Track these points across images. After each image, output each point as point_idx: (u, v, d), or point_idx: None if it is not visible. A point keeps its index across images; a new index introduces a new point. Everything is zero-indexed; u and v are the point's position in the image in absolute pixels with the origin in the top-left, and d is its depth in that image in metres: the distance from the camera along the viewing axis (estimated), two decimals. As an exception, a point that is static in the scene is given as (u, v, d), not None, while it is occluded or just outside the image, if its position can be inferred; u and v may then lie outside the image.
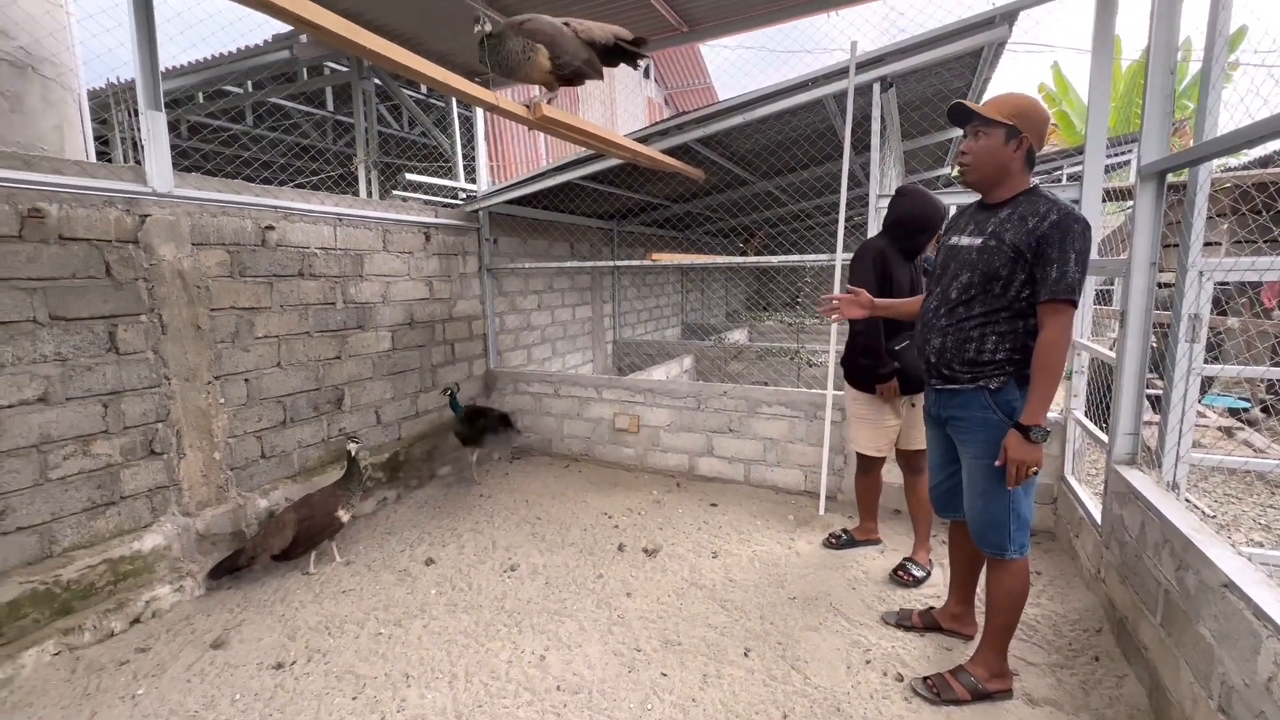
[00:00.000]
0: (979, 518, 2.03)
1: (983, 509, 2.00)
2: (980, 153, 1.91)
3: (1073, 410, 3.13)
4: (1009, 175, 1.91)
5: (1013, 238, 1.85)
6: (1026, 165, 1.92)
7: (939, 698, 2.06)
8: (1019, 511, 1.97)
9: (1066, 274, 1.77)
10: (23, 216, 2.40)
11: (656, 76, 15.38)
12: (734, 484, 4.15)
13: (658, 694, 2.14)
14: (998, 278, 1.88)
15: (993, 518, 1.98)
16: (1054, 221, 1.79)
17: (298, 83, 5.82)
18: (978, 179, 1.96)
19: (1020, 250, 1.83)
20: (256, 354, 3.28)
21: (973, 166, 1.94)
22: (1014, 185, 1.93)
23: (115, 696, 2.18)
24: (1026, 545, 2.01)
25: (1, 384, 2.36)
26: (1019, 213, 1.87)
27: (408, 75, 2.38)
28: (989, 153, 1.89)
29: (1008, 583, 2.03)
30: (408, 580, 2.96)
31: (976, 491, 2.01)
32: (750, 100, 3.71)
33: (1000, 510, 1.96)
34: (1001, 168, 1.90)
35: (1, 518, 2.38)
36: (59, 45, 3.19)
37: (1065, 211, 1.80)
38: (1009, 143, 1.87)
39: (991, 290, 1.91)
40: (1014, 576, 2.02)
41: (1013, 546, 1.98)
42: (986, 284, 1.91)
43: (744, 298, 12.83)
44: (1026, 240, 1.82)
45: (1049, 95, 12.55)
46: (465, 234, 4.81)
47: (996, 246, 1.88)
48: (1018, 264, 1.85)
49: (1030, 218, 1.84)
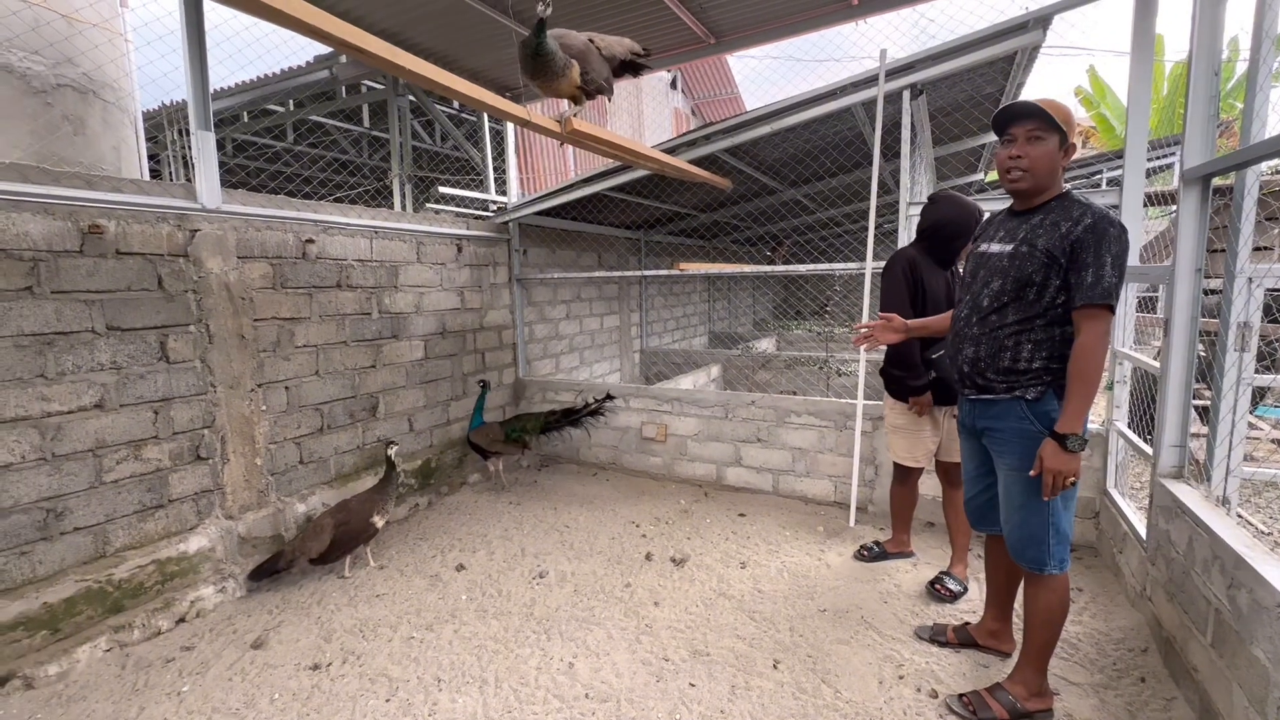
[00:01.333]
0: (1016, 532, 1.98)
1: (1021, 523, 1.95)
2: (1039, 158, 1.84)
3: (1115, 422, 3.04)
4: (1055, 180, 1.88)
5: (1046, 243, 1.82)
6: (1062, 171, 1.91)
7: (975, 717, 2.00)
8: (1058, 526, 1.91)
9: (1102, 279, 1.74)
10: (84, 232, 2.54)
11: (684, 87, 15.47)
12: (762, 494, 4.11)
13: (686, 704, 2.14)
14: (1031, 284, 1.85)
15: (1031, 532, 1.93)
16: (1088, 225, 1.76)
17: (337, 101, 6.04)
18: (1031, 185, 1.88)
19: (1054, 256, 1.80)
20: (296, 363, 3.39)
21: (1030, 172, 1.85)
22: (1054, 190, 1.90)
23: (162, 693, 2.27)
24: (1067, 560, 1.95)
25: (62, 391, 2.50)
26: (1052, 218, 1.84)
27: (444, 93, 2.46)
28: (1048, 158, 1.84)
29: (1046, 599, 1.97)
30: (439, 585, 3.01)
31: (1014, 505, 1.96)
32: (778, 109, 3.71)
33: (1039, 524, 1.91)
34: (1053, 174, 1.86)
35: (60, 519, 2.50)
36: (118, 71, 3.38)
37: (1100, 215, 1.76)
38: (1062, 148, 1.84)
39: (1025, 297, 1.87)
40: (1053, 593, 1.96)
41: (1052, 562, 1.92)
42: (1019, 291, 1.87)
43: (771, 306, 12.76)
44: (1060, 245, 1.79)
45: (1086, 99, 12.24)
46: (495, 245, 4.91)
47: (1029, 253, 1.85)
48: (1051, 270, 1.82)
49: (1064, 222, 1.80)
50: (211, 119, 2.91)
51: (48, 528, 2.47)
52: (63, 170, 2.56)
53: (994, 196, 3.36)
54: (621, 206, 5.74)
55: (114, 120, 3.41)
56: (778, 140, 4.37)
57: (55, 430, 2.48)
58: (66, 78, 3.14)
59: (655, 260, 7.81)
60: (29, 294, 2.40)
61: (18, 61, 2.98)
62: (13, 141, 2.98)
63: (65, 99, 3.15)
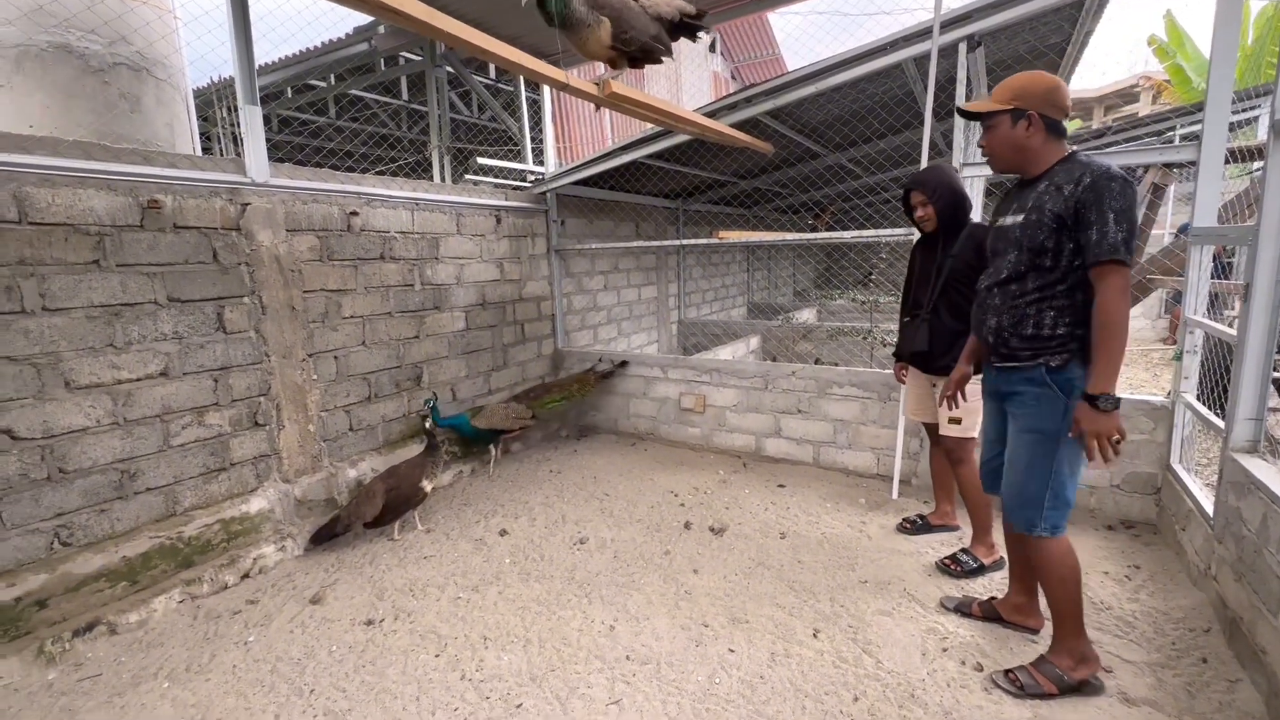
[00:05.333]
0: (1012, 490, 2.00)
1: (1020, 483, 1.97)
2: (995, 142, 1.97)
3: (1183, 393, 2.87)
4: (1031, 152, 1.92)
5: (1052, 206, 1.83)
6: (1052, 135, 1.90)
7: (1024, 692, 1.96)
8: (1059, 491, 1.92)
9: (1107, 235, 1.74)
10: (143, 207, 2.64)
11: (723, 50, 15.00)
12: (802, 465, 4.07)
13: (725, 669, 2.16)
14: (1044, 250, 1.87)
15: (1028, 493, 1.95)
16: (1088, 185, 1.76)
17: (376, 73, 6.07)
18: (1003, 165, 2.02)
19: (1062, 218, 1.82)
20: (344, 333, 3.49)
21: (994, 155, 2.00)
22: (1046, 158, 1.92)
23: (230, 642, 2.42)
24: (1061, 527, 1.95)
25: (130, 359, 2.63)
26: (1055, 182, 1.86)
27: (482, 57, 2.43)
28: (1001, 141, 1.95)
29: (1042, 560, 1.98)
30: (483, 549, 3.11)
31: (1017, 465, 1.99)
32: (824, 68, 3.55)
33: (1038, 486, 1.93)
34: (1020, 149, 1.93)
35: (134, 479, 2.67)
36: (169, 48, 3.46)
37: (1100, 172, 1.76)
38: (1016, 125, 1.90)
39: (1042, 264, 1.88)
40: (1049, 555, 1.96)
41: (1043, 525, 1.94)
42: (1035, 259, 1.89)
43: (813, 275, 12.45)
44: (1065, 207, 1.81)
45: (1160, 49, 11.34)
46: (533, 216, 4.90)
47: (1038, 220, 1.86)
48: (1062, 233, 1.83)
49: (1066, 185, 1.82)
50: (258, 93, 2.96)
51: (123, 487, 2.64)
52: (122, 147, 2.66)
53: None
54: (659, 175, 5.65)
55: (166, 97, 3.51)
56: (822, 101, 4.19)
57: (126, 396, 2.63)
58: (121, 56, 3.24)
59: (693, 230, 7.69)
60: (96, 267, 2.52)
61: (76, 41, 3.08)
62: (76, 120, 3.10)
63: (121, 77, 3.25)
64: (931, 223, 2.75)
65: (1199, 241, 2.78)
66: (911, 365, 2.95)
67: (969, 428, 2.72)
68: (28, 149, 2.33)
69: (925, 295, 2.79)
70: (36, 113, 3.05)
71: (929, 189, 2.72)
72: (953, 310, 2.70)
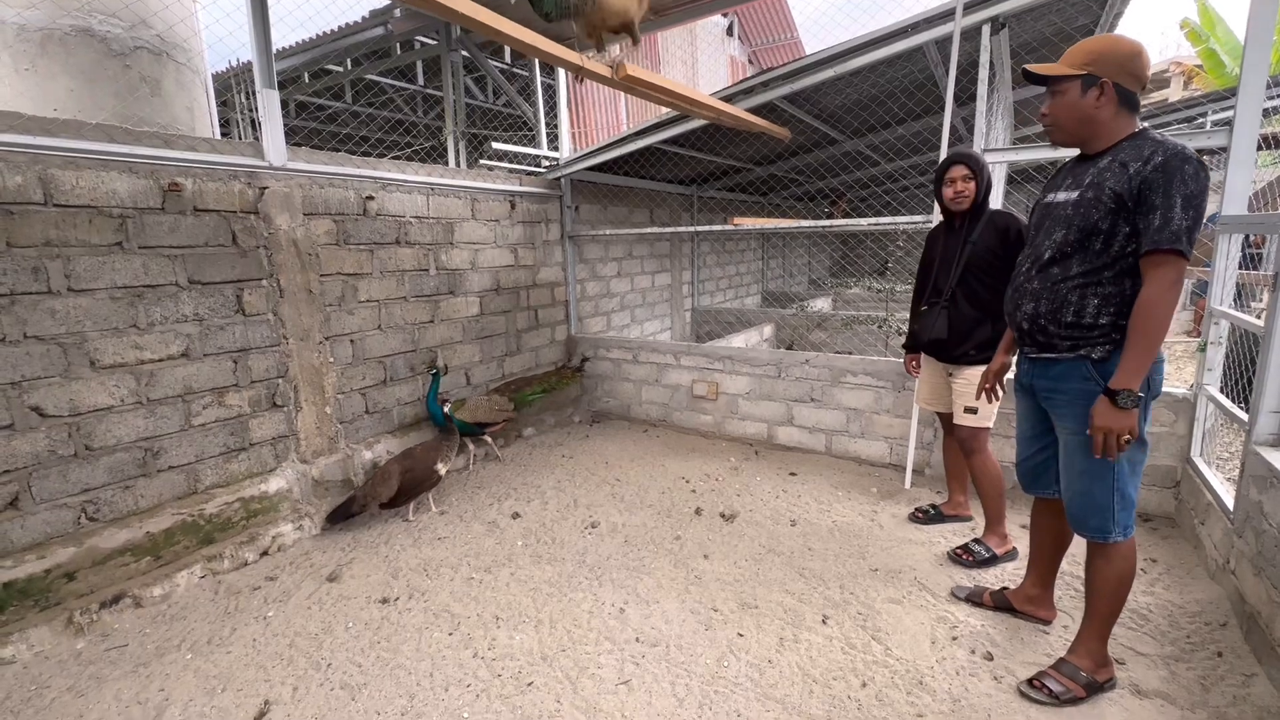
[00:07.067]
0: (1078, 500, 1.86)
1: (1083, 491, 1.83)
2: (1060, 111, 1.78)
3: (1205, 385, 2.82)
4: (1099, 125, 1.74)
5: (1114, 184, 1.67)
6: (1124, 108, 1.72)
7: (1057, 700, 1.88)
8: (1124, 491, 1.80)
9: (1171, 220, 1.57)
10: (164, 190, 2.67)
11: (740, 33, 14.77)
12: (814, 454, 4.06)
13: (734, 653, 2.18)
14: (1097, 232, 1.71)
15: (1095, 500, 1.81)
16: (1158, 164, 1.60)
17: (391, 58, 6.06)
18: (1064, 138, 1.83)
19: (1122, 199, 1.65)
20: (360, 317, 3.52)
21: (1057, 125, 1.81)
22: (1113, 133, 1.74)
23: (250, 616, 2.48)
24: (1131, 526, 1.84)
25: (152, 340, 2.68)
26: (1120, 158, 1.69)
27: (499, 40, 2.43)
28: (1068, 109, 1.76)
29: (1115, 567, 1.86)
30: (496, 531, 3.15)
31: (1076, 471, 1.85)
32: (843, 51, 3.49)
33: (1103, 491, 1.80)
34: (1087, 121, 1.75)
35: (156, 457, 2.73)
36: (188, 31, 3.48)
37: (1172, 151, 1.60)
38: (1088, 93, 1.72)
39: (1091, 247, 1.73)
40: (1121, 561, 1.85)
41: (1116, 529, 1.82)
42: (1084, 240, 1.74)
43: (829, 264, 12.34)
44: (1128, 187, 1.64)
45: (1193, 32, 10.98)
46: (548, 202, 4.90)
47: (1095, 198, 1.70)
48: (1119, 215, 1.67)
49: (1133, 162, 1.65)
50: (275, 77, 2.98)
51: (146, 465, 2.70)
52: (143, 130, 2.69)
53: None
54: (674, 161, 5.61)
55: (186, 81, 3.54)
56: (841, 86, 4.13)
57: (148, 376, 2.68)
58: (142, 39, 3.27)
59: (708, 217, 7.64)
60: (119, 249, 2.56)
61: (98, 25, 3.11)
62: (98, 103, 3.14)
63: (141, 61, 3.28)
64: (968, 201, 2.64)
65: (1227, 230, 2.71)
66: (927, 354, 2.92)
67: (984, 418, 2.70)
68: (52, 132, 2.37)
69: (946, 281, 2.75)
70: (61, 96, 3.09)
71: (976, 164, 2.63)
72: (970, 298, 2.67)
